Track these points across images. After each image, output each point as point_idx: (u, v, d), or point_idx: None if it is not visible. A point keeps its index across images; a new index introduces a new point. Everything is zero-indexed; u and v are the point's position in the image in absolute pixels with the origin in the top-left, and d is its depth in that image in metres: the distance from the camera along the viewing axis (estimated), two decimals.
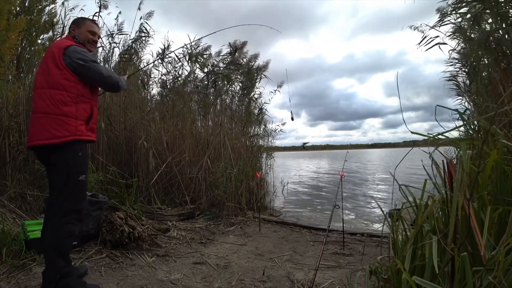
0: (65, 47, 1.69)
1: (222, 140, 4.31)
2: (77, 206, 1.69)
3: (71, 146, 1.66)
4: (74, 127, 1.66)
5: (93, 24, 1.92)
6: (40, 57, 5.45)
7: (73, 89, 1.68)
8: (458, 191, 1.07)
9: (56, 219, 1.65)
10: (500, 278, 0.91)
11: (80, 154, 1.68)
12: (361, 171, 14.02)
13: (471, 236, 1.07)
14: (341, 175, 2.76)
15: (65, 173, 1.65)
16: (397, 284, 1.20)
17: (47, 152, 1.67)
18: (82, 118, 1.71)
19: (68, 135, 1.64)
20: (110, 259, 2.25)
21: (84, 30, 1.86)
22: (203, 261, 2.35)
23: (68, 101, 1.66)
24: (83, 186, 1.71)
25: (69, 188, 1.66)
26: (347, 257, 2.48)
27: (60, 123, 1.63)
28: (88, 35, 1.87)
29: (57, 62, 1.66)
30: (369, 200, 6.21)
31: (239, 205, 3.93)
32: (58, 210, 1.65)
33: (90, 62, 1.70)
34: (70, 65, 1.67)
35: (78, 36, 1.84)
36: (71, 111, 1.66)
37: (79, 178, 1.68)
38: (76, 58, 1.67)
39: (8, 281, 1.83)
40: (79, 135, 1.67)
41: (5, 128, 3.14)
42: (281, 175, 8.83)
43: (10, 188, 2.94)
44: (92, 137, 1.80)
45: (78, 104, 1.69)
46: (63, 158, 1.66)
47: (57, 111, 1.64)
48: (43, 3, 7.83)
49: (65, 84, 1.66)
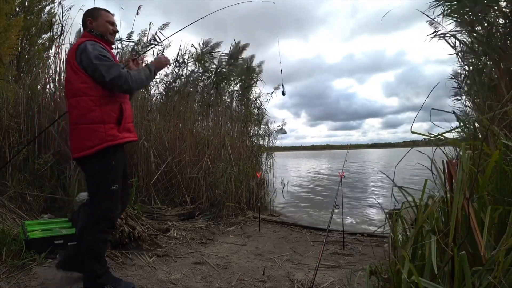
0: (76, 47, 1.60)
1: (222, 140, 4.31)
2: (108, 215, 1.67)
3: (104, 155, 1.60)
4: (104, 133, 1.58)
5: (109, 13, 1.78)
6: (40, 57, 5.44)
7: (93, 91, 1.57)
8: (461, 190, 1.07)
9: (89, 226, 1.67)
10: (500, 278, 0.91)
11: (113, 163, 1.63)
12: (361, 171, 14.03)
13: (471, 236, 1.07)
14: (341, 175, 2.77)
15: (97, 182, 1.64)
16: (397, 284, 1.20)
17: (80, 164, 1.67)
18: (111, 121, 1.61)
19: (98, 144, 1.57)
20: (110, 259, 2.25)
21: (102, 21, 1.72)
22: (203, 261, 2.35)
23: (91, 105, 1.57)
24: (114, 196, 1.66)
25: (100, 197, 1.64)
26: (347, 257, 2.48)
27: (89, 132, 1.57)
28: (108, 26, 1.74)
29: (72, 66, 1.59)
30: (369, 200, 6.21)
31: (239, 205, 3.93)
32: (91, 217, 1.67)
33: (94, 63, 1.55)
34: (81, 64, 1.57)
35: (96, 29, 1.71)
36: (96, 117, 1.57)
37: (111, 188, 1.63)
38: (85, 59, 1.56)
39: (8, 281, 1.83)
40: (111, 140, 1.59)
41: (5, 128, 3.14)
42: (281, 175, 8.84)
43: (10, 188, 2.94)
44: (130, 137, 1.71)
45: (103, 106, 1.59)
46: (96, 167, 1.62)
47: (84, 120, 1.57)
48: (42, 2, 7.83)
49: (83, 88, 1.57)
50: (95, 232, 1.65)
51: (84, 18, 1.75)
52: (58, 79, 3.75)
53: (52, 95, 3.76)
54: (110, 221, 1.69)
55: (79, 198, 2.53)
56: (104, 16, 1.75)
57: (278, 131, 5.36)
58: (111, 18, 1.78)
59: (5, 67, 4.42)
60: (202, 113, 4.74)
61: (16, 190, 2.96)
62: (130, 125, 1.74)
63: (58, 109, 3.49)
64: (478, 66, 2.63)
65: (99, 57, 1.56)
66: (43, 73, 4.05)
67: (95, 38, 1.68)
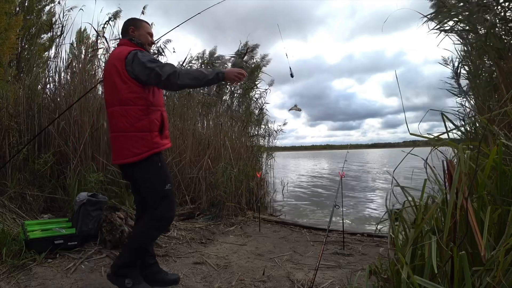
0: (125, 56, 1.63)
1: (222, 140, 4.31)
2: (167, 215, 1.71)
3: (150, 161, 1.65)
4: (150, 141, 1.64)
5: (149, 25, 1.87)
6: (40, 57, 5.44)
7: (141, 101, 1.63)
8: (455, 190, 1.07)
9: (143, 222, 1.73)
10: (500, 278, 0.91)
11: (160, 165, 1.68)
12: (361, 171, 14.03)
13: (471, 236, 1.07)
14: (341, 175, 2.77)
15: (151, 186, 1.68)
16: (397, 284, 1.20)
17: (130, 170, 1.69)
18: (155, 129, 1.67)
19: (146, 151, 1.63)
20: (110, 259, 2.25)
21: (143, 32, 1.80)
22: (203, 261, 2.35)
23: (140, 115, 1.63)
24: (170, 195, 1.71)
25: (158, 199, 1.68)
26: (347, 257, 2.48)
27: (137, 140, 1.63)
28: (148, 37, 1.82)
29: (122, 76, 1.62)
30: (369, 200, 6.22)
31: (239, 205, 3.93)
32: (150, 215, 1.71)
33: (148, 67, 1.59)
34: (133, 73, 1.61)
35: (138, 38, 1.78)
36: (145, 125, 1.63)
37: (165, 188, 1.68)
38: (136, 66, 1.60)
39: (8, 281, 1.83)
40: (156, 148, 1.66)
41: (5, 128, 3.14)
42: (281, 175, 8.84)
43: (10, 188, 2.94)
44: (168, 144, 1.77)
45: (150, 115, 1.65)
46: (146, 173, 1.67)
47: (132, 129, 1.63)
48: (42, 2, 7.83)
49: (133, 97, 1.62)
50: (147, 229, 1.71)
51: (126, 26, 1.81)
52: (58, 79, 3.76)
53: (52, 95, 3.77)
54: (168, 220, 1.74)
55: (79, 198, 2.54)
56: (145, 27, 1.82)
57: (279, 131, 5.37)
58: (151, 30, 1.86)
59: (5, 67, 4.42)
60: (203, 113, 4.75)
61: (16, 190, 2.96)
62: (167, 132, 1.80)
63: (58, 109, 3.49)
64: (478, 66, 2.63)
65: (151, 60, 1.62)
66: (43, 73, 4.06)
67: (136, 46, 1.73)
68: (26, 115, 3.38)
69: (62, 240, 2.27)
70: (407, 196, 1.42)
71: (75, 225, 2.45)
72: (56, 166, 3.36)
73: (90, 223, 2.46)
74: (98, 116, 3.51)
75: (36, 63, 5.01)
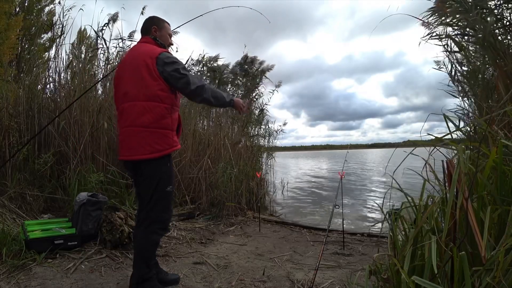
0: (156, 56, 1.63)
1: (222, 140, 4.31)
2: (163, 217, 1.70)
3: (164, 159, 1.66)
4: (171, 139, 1.67)
5: (169, 26, 1.87)
6: (40, 57, 5.44)
7: (168, 100, 1.65)
8: (454, 190, 1.07)
9: (143, 228, 1.70)
10: (499, 278, 0.91)
11: (169, 165, 1.69)
12: (361, 171, 14.03)
13: (471, 236, 1.07)
14: (341, 175, 2.77)
15: (155, 184, 1.66)
16: (397, 284, 1.20)
17: (143, 166, 1.66)
18: (174, 129, 1.71)
19: (168, 148, 1.65)
20: (110, 259, 2.25)
21: (165, 33, 1.81)
22: (203, 261, 2.35)
23: (165, 113, 1.64)
24: (169, 197, 1.71)
25: (155, 199, 1.67)
26: (347, 257, 2.48)
27: (161, 137, 1.63)
28: (169, 38, 1.84)
29: (152, 73, 1.61)
30: (369, 200, 6.22)
31: (239, 205, 3.93)
32: (145, 219, 1.70)
33: (181, 73, 1.63)
34: (162, 74, 1.62)
35: (160, 39, 1.78)
36: (168, 123, 1.65)
37: (167, 189, 1.68)
38: (169, 68, 1.62)
39: (8, 281, 1.83)
40: (174, 146, 1.68)
41: (5, 128, 3.14)
42: (281, 175, 8.84)
43: (10, 188, 2.94)
44: (179, 145, 1.78)
45: (173, 114, 1.67)
46: (156, 170, 1.66)
47: (157, 125, 1.62)
48: (42, 3, 7.83)
49: (161, 95, 1.63)
50: (147, 234, 1.69)
51: (149, 24, 1.80)
52: (58, 79, 3.76)
53: (52, 95, 3.77)
54: (164, 223, 1.72)
55: (79, 198, 2.54)
56: (167, 28, 1.84)
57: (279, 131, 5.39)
58: (171, 31, 1.88)
59: (5, 67, 4.42)
60: (203, 113, 4.76)
61: (16, 190, 2.96)
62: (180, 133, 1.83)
63: (58, 109, 3.49)
64: (477, 67, 2.63)
65: (184, 68, 1.67)
66: (43, 73, 4.06)
67: (160, 47, 1.75)
68: (26, 115, 3.39)
69: (62, 240, 2.27)
70: (406, 196, 1.42)
71: (75, 225, 2.45)
72: (56, 166, 3.36)
73: (90, 223, 2.46)
74: (98, 116, 3.51)
75: (37, 64, 5.01)
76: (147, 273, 1.69)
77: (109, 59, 3.97)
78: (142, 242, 1.70)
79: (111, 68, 3.92)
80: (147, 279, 1.68)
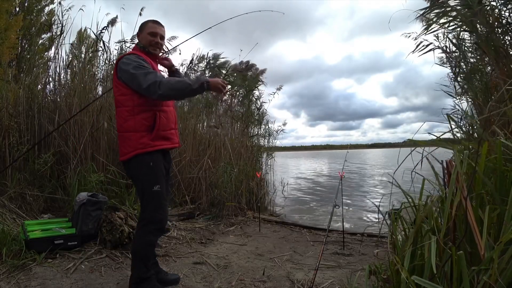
0: (119, 61, 1.66)
1: (222, 140, 4.31)
2: (156, 217, 1.69)
3: (137, 160, 1.66)
4: (135, 141, 1.64)
5: (154, 24, 1.78)
6: (40, 57, 5.45)
7: (128, 102, 1.65)
8: (453, 190, 1.07)
9: (139, 228, 1.73)
10: (496, 277, 0.91)
11: (152, 165, 1.66)
12: (361, 171, 14.02)
13: (471, 236, 1.07)
14: (341, 175, 2.77)
15: (140, 186, 1.70)
16: (397, 284, 1.20)
17: (125, 167, 1.76)
18: (143, 130, 1.65)
19: (131, 151, 1.65)
20: (110, 259, 2.25)
21: (144, 33, 1.75)
22: (203, 261, 2.35)
23: (127, 115, 1.65)
24: (159, 197, 1.68)
25: (145, 200, 1.69)
26: (347, 257, 2.48)
27: (124, 140, 1.67)
28: (148, 37, 1.75)
29: (114, 80, 1.69)
30: (369, 200, 6.21)
31: (239, 205, 3.93)
32: (141, 220, 1.73)
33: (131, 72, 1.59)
34: (121, 78, 1.63)
35: (141, 42, 1.77)
36: (130, 125, 1.65)
37: (153, 189, 1.66)
38: (123, 71, 1.61)
39: (8, 281, 1.83)
40: (141, 149, 1.64)
41: (5, 128, 3.14)
42: (281, 175, 8.84)
43: (10, 188, 2.94)
44: (165, 145, 1.72)
45: (136, 115, 1.65)
46: (134, 172, 1.72)
47: (121, 129, 1.68)
48: (42, 3, 7.83)
49: (121, 99, 1.66)
50: (142, 234, 1.70)
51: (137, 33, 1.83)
52: (58, 79, 3.75)
53: (52, 95, 3.76)
54: (158, 223, 1.71)
55: (79, 198, 2.54)
56: (148, 27, 1.76)
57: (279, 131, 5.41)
58: (154, 29, 1.76)
59: (5, 67, 4.42)
60: (204, 113, 4.76)
61: (16, 190, 2.96)
62: (167, 133, 1.74)
63: (58, 109, 3.49)
64: (477, 66, 2.63)
65: (135, 67, 1.59)
66: (43, 73, 4.05)
67: (139, 51, 1.75)
68: (26, 115, 3.39)
69: (62, 240, 2.27)
70: (406, 196, 1.42)
71: (75, 225, 2.45)
72: (56, 166, 3.36)
73: (90, 223, 2.46)
74: (98, 116, 3.51)
75: (37, 63, 5.02)
76: (145, 273, 1.69)
77: (110, 59, 3.97)
78: (138, 242, 1.71)
79: (111, 68, 3.93)
80: (145, 279, 1.68)
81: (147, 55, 1.75)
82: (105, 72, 3.97)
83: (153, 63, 1.77)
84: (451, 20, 2.53)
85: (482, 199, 1.19)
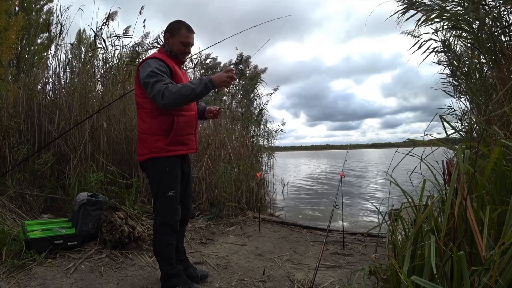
0: (140, 64, 1.66)
1: (222, 140, 4.31)
2: (168, 220, 1.70)
3: (153, 164, 1.67)
4: (150, 144, 1.65)
5: (187, 33, 1.72)
6: (40, 57, 5.44)
7: (147, 105, 1.65)
8: (453, 190, 1.07)
9: (155, 231, 1.75)
10: (496, 278, 0.91)
11: (168, 170, 1.67)
12: (361, 171, 14.03)
13: (471, 236, 1.07)
14: (341, 175, 2.77)
15: (155, 188, 1.70)
16: (396, 284, 1.20)
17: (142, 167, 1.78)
18: (159, 133, 1.64)
19: (146, 153, 1.67)
20: (110, 259, 2.25)
21: (177, 41, 1.70)
22: (203, 261, 2.35)
23: (145, 118, 1.66)
24: (172, 201, 1.69)
25: (159, 203, 1.70)
26: (347, 257, 2.48)
27: (141, 141, 1.69)
28: (181, 47, 1.71)
29: (136, 81, 1.69)
30: (369, 200, 6.22)
31: (239, 205, 3.93)
32: (155, 222, 1.75)
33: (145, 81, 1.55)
34: (141, 82, 1.61)
35: (171, 48, 1.72)
36: (147, 128, 1.66)
37: (168, 194, 1.67)
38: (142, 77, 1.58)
39: (8, 281, 1.83)
40: (155, 152, 1.64)
41: (5, 128, 3.14)
42: (281, 175, 8.84)
43: (10, 188, 2.94)
44: (181, 151, 1.70)
45: (154, 118, 1.64)
46: (150, 174, 1.73)
47: (139, 129, 1.70)
48: (41, 2, 7.83)
49: (141, 101, 1.68)
50: (158, 236, 1.73)
51: (164, 31, 1.76)
52: (58, 79, 3.75)
53: (52, 95, 3.76)
54: (170, 225, 1.72)
55: (79, 198, 2.54)
56: (181, 35, 1.70)
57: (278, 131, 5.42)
58: (187, 38, 1.72)
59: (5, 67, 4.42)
60: None
61: (16, 190, 2.96)
62: (184, 138, 1.71)
63: (58, 109, 3.49)
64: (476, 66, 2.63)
65: (149, 75, 1.54)
66: (43, 73, 4.05)
67: (165, 54, 1.73)
68: (26, 115, 3.39)
69: (62, 240, 2.27)
70: (406, 196, 1.42)
71: (75, 225, 2.45)
72: (56, 166, 3.36)
73: (90, 223, 2.46)
74: (98, 116, 3.51)
75: (36, 63, 5.01)
76: (171, 270, 1.73)
77: (107, 58, 3.97)
78: (156, 244, 1.75)
79: (109, 68, 3.93)
80: (172, 275, 1.73)
81: (172, 59, 1.73)
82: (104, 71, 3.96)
83: (176, 67, 1.73)
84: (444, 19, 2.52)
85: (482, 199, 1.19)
